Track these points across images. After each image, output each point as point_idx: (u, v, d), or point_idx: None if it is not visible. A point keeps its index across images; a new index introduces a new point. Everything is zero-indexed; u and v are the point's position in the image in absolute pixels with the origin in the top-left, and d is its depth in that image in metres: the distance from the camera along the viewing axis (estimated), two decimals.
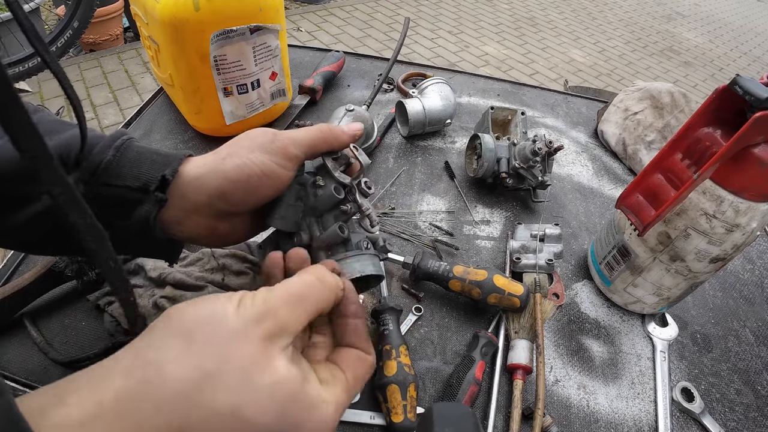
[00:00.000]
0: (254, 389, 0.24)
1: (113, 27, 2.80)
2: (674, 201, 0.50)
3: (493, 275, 0.57)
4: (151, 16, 0.69)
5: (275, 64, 0.79)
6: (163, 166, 0.36)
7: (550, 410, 0.53)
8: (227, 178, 0.36)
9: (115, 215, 0.36)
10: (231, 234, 0.41)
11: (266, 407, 0.24)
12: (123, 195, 0.36)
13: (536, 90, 1.09)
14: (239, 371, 0.24)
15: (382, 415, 0.49)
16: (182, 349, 0.24)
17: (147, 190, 0.36)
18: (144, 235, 0.37)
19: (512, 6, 4.30)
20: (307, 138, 0.39)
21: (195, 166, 0.37)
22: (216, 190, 0.36)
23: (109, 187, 0.36)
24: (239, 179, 0.36)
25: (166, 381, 0.23)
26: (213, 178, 0.36)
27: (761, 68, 3.90)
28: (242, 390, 0.23)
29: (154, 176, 0.36)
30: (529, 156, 0.71)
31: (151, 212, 0.36)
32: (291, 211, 0.39)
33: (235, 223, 0.40)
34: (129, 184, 0.36)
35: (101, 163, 0.36)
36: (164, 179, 0.36)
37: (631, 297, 0.62)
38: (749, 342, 0.64)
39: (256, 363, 0.24)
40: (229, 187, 0.36)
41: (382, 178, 0.79)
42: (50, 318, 0.54)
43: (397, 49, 0.94)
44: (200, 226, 0.38)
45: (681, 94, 0.89)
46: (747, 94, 0.44)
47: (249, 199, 0.38)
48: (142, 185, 0.36)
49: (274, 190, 0.38)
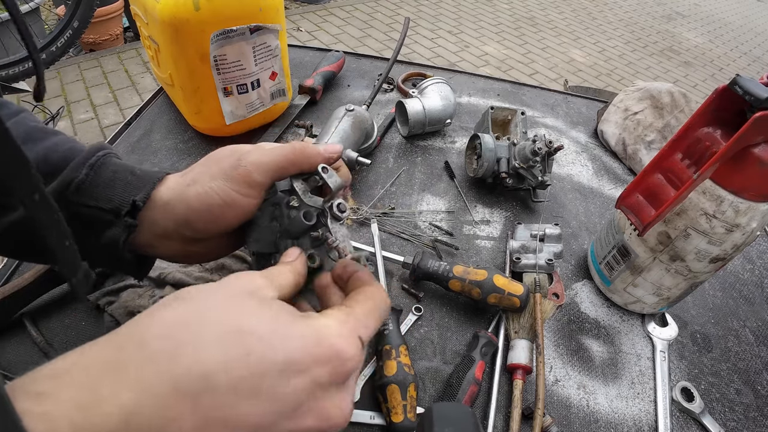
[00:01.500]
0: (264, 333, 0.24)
1: (113, 27, 2.80)
2: (674, 201, 0.50)
3: (493, 275, 0.57)
4: (151, 16, 0.69)
5: (275, 64, 0.79)
6: (136, 189, 0.36)
7: (550, 410, 0.53)
8: (190, 207, 0.35)
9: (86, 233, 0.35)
10: (207, 254, 0.41)
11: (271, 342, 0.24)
12: (94, 215, 0.35)
13: (536, 90, 1.09)
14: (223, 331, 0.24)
15: (382, 415, 0.49)
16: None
17: (118, 214, 0.35)
18: (113, 255, 0.36)
19: (512, 6, 4.30)
20: (274, 162, 0.36)
21: (167, 188, 0.36)
22: (181, 218, 0.36)
23: (80, 206, 0.35)
24: (201, 209, 0.35)
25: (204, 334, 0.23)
26: (178, 206, 0.36)
27: (761, 68, 3.91)
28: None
29: (125, 200, 0.35)
30: (529, 156, 0.71)
31: (121, 236, 0.35)
32: (266, 233, 0.38)
33: (208, 244, 0.39)
34: (101, 206, 0.35)
35: (73, 181, 0.35)
36: (135, 205, 0.35)
37: (631, 297, 0.62)
38: (749, 342, 0.64)
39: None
40: (193, 216, 0.36)
41: (382, 178, 0.79)
42: (50, 318, 0.54)
43: (397, 49, 0.94)
44: (172, 249, 0.38)
45: (681, 94, 0.89)
46: (747, 94, 0.44)
47: (212, 227, 0.37)
48: (114, 208, 0.35)
49: (239, 219, 0.37)
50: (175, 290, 0.51)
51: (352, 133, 0.74)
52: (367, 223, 0.71)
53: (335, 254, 0.36)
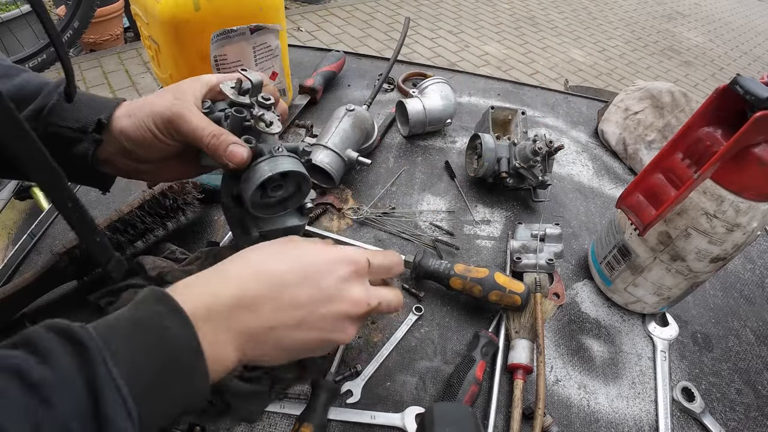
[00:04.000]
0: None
1: (113, 27, 2.80)
2: (675, 201, 0.50)
3: (494, 273, 0.57)
4: (151, 16, 0.69)
5: (275, 64, 0.79)
6: (99, 111, 0.43)
7: (551, 410, 0.53)
8: (127, 137, 0.43)
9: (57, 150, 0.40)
10: (158, 174, 0.49)
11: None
12: (65, 134, 0.42)
13: (536, 90, 1.09)
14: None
15: (382, 415, 0.50)
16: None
17: (85, 131, 0.42)
18: (82, 168, 0.44)
19: (512, 6, 4.30)
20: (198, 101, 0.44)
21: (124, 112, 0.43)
22: (130, 142, 0.43)
23: (52, 126, 0.42)
24: (135, 139, 0.43)
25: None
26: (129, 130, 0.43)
27: (761, 68, 3.90)
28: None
29: (91, 119, 0.42)
30: (529, 156, 0.71)
31: (89, 149, 0.43)
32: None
33: (157, 166, 0.47)
34: (69, 125, 0.42)
35: (47, 105, 0.42)
36: (100, 122, 0.42)
37: (632, 297, 0.62)
38: (750, 342, 0.64)
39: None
40: (129, 145, 0.43)
41: (383, 178, 0.79)
42: (51, 318, 0.54)
43: (397, 48, 0.94)
44: (128, 165, 0.46)
45: (681, 94, 0.89)
46: (747, 94, 0.44)
47: (150, 155, 0.44)
48: (81, 126, 0.42)
49: (168, 153, 0.44)
50: None
51: (352, 132, 0.75)
52: (367, 223, 0.71)
53: (262, 125, 0.44)
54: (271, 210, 0.47)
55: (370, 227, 0.71)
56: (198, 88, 0.45)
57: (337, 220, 0.71)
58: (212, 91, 0.46)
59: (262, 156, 0.44)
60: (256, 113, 0.44)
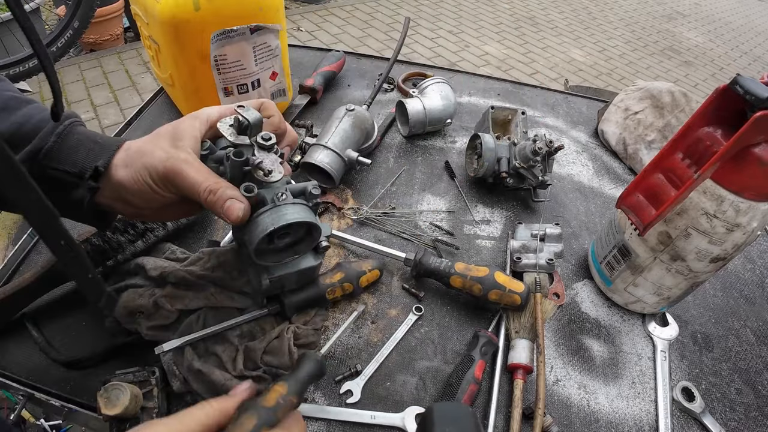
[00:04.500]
0: None
1: (113, 27, 2.80)
2: (675, 201, 0.50)
3: (495, 272, 0.57)
4: (151, 16, 0.69)
5: (275, 64, 0.79)
6: (97, 156, 0.41)
7: (551, 410, 0.53)
8: (124, 187, 0.41)
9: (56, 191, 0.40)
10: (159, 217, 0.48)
11: None
12: (61, 177, 0.41)
13: (536, 90, 1.09)
14: None
15: (382, 415, 0.49)
16: None
17: (82, 177, 0.41)
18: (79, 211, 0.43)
19: (512, 5, 4.30)
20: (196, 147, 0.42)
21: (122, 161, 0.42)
22: (128, 194, 0.42)
23: (49, 169, 0.41)
24: (132, 190, 0.41)
25: None
26: (126, 182, 0.41)
27: (761, 68, 3.90)
28: None
29: (88, 165, 0.41)
30: (529, 155, 0.71)
31: (85, 197, 0.41)
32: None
33: (156, 210, 0.45)
34: (67, 169, 0.41)
35: (43, 148, 0.40)
36: (97, 170, 0.40)
37: (632, 296, 0.62)
38: (750, 342, 0.64)
39: None
40: (127, 195, 0.42)
41: (383, 178, 0.79)
42: (51, 318, 0.54)
43: (397, 48, 0.94)
44: (127, 210, 0.44)
45: (681, 94, 0.89)
46: (747, 94, 0.44)
47: (148, 204, 0.42)
48: (77, 172, 0.41)
49: (165, 203, 0.42)
50: (177, 289, 0.52)
51: (352, 132, 0.75)
52: (367, 223, 0.71)
53: (260, 174, 0.41)
54: (279, 256, 0.44)
55: (370, 227, 0.71)
56: (197, 128, 0.43)
57: (337, 220, 0.71)
58: (213, 128, 0.44)
59: (265, 205, 0.41)
60: (254, 161, 0.40)
